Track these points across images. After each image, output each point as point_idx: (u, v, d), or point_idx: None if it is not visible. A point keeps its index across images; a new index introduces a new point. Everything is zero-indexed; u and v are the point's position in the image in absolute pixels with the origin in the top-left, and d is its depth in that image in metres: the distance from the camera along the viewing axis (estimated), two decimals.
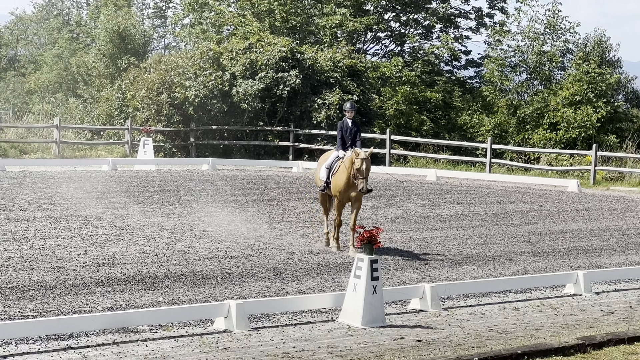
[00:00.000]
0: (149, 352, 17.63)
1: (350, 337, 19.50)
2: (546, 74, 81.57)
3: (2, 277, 22.65)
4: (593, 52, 79.84)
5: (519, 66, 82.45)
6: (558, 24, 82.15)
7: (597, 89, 76.54)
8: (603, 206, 43.38)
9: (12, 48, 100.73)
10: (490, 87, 79.85)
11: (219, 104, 56.90)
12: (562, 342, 19.85)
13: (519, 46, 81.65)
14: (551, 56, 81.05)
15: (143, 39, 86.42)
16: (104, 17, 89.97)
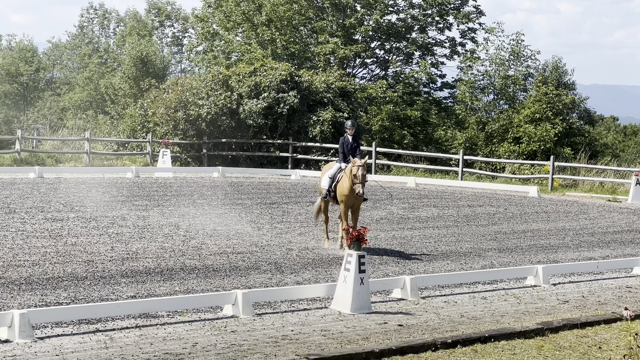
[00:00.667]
0: (167, 334, 17.66)
1: (341, 322, 19.53)
2: (510, 95, 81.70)
3: (40, 269, 22.66)
4: (551, 76, 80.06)
5: (487, 88, 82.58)
6: (521, 51, 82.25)
7: (555, 108, 76.66)
8: (559, 209, 43.39)
9: (49, 71, 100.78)
10: (462, 106, 79.95)
11: (228, 120, 56.92)
12: (524, 326, 19.90)
13: (487, 71, 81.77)
14: (515, 80, 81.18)
15: (162, 63, 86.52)
16: (128, 44, 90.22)
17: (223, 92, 57.28)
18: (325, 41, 71.80)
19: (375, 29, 73.75)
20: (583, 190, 53.75)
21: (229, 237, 29.43)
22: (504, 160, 62.99)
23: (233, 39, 75.87)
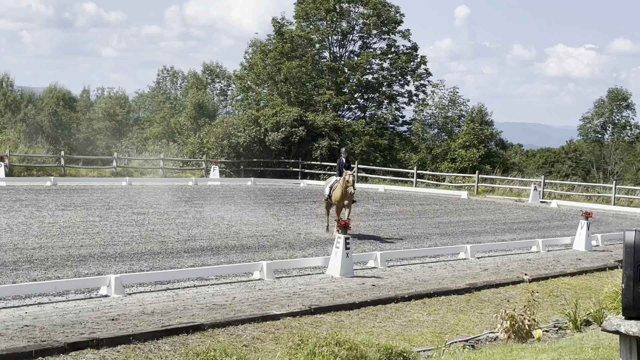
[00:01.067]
0: (215, 291, 17.71)
1: (333, 283, 19.59)
2: (449, 129, 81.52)
3: (129, 247, 22.67)
4: (476, 116, 79.93)
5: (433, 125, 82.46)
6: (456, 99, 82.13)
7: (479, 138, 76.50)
8: (482, 207, 43.36)
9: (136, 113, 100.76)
10: (416, 137, 79.74)
11: (257, 146, 56.88)
12: (457, 286, 19.93)
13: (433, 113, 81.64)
14: (452, 119, 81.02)
15: (213, 108, 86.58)
16: (190, 94, 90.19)
17: (254, 127, 57.24)
18: (323, 93, 71.72)
19: (357, 84, 73.65)
20: (498, 194, 53.71)
21: (258, 225, 29.44)
22: (444, 174, 62.91)
23: (261, 91, 75.82)
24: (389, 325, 15.99)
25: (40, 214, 28.89)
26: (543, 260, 25.69)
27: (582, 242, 28.66)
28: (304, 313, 16.11)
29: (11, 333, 13.34)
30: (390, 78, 74.85)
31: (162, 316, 15.06)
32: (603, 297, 17.46)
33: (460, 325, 16.31)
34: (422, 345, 14.35)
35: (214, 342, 13.42)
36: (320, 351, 11.42)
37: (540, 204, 47.66)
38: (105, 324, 14.25)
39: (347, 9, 73.16)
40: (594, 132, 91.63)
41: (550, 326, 16.25)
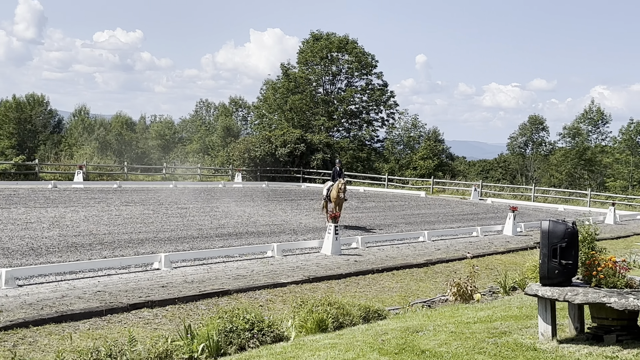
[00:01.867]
0: (239, 266, 17.69)
1: (326, 259, 19.55)
2: (411, 145, 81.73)
3: (174, 233, 22.64)
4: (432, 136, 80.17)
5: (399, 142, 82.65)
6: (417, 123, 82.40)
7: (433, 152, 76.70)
8: (435, 203, 43.37)
9: (180, 134, 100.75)
10: (387, 151, 79.97)
11: (270, 158, 56.85)
12: (417, 262, 19.95)
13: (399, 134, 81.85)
14: (414, 138, 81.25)
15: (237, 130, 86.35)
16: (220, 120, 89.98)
17: (267, 144, 57.21)
18: (318, 119, 71.78)
19: (343, 112, 73.67)
20: (448, 193, 53.72)
21: (270, 217, 29.42)
22: (408, 178, 62.93)
23: (272, 118, 75.89)
24: (367, 290, 15.99)
25: (109, 208, 28.86)
26: (481, 242, 25.71)
27: (510, 229, 28.74)
28: (304, 282, 16.12)
29: (88, 296, 13.35)
30: (368, 107, 74.97)
31: (199, 284, 15.07)
32: (525, 270, 17.49)
33: (420, 291, 16.31)
34: (392, 305, 14.36)
35: (238, 303, 13.43)
36: (316, 309, 11.42)
37: (479, 201, 47.70)
38: (157, 290, 14.25)
39: (336, 57, 73.37)
40: (518, 148, 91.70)
41: (486, 291, 16.27)
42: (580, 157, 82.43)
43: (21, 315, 11.53)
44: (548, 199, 51.28)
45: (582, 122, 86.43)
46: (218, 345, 9.86)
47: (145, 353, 9.24)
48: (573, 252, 8.24)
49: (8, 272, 14.03)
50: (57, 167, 48.69)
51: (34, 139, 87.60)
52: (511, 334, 9.07)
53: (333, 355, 8.41)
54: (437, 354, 8.21)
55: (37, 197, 31.46)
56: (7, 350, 9.63)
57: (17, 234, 20.36)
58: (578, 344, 8.22)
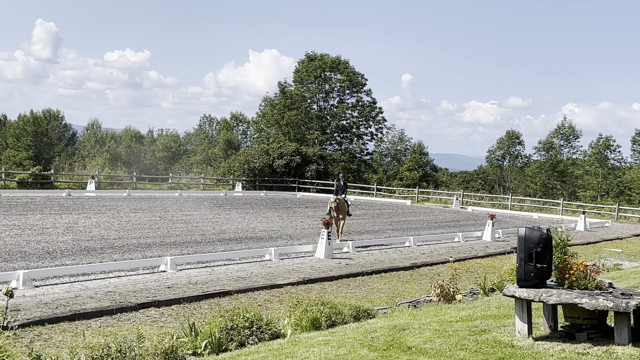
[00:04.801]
0: (239, 268, 17.65)
1: (319, 262, 19.53)
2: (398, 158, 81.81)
3: (179, 238, 22.59)
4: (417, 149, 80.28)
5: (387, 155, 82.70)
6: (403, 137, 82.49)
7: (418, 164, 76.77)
8: (421, 210, 43.39)
9: (184, 146, 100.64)
10: (376, 163, 80.00)
11: (268, 169, 56.79)
12: (404, 265, 19.91)
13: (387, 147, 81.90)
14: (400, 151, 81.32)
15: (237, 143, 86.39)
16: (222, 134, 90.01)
17: (265, 156, 57.14)
18: (313, 133, 71.86)
19: (336, 127, 73.76)
20: (432, 202, 53.75)
21: (268, 223, 29.36)
22: (395, 188, 63.00)
23: (270, 132, 75.90)
24: (358, 291, 15.97)
25: (119, 215, 28.79)
26: (462, 247, 25.70)
27: (489, 235, 28.75)
28: (299, 283, 16.09)
29: (99, 296, 13.30)
30: (358, 123, 75.01)
31: (202, 285, 15.03)
32: (503, 273, 17.51)
33: (406, 292, 16.30)
34: (380, 305, 14.35)
35: (238, 303, 13.39)
36: (311, 309, 11.41)
37: (460, 209, 47.73)
38: (164, 290, 14.20)
39: (329, 76, 73.53)
40: (496, 160, 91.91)
41: (467, 292, 16.27)
42: (554, 169, 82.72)
43: (37, 314, 11.48)
44: (524, 207, 51.38)
45: (555, 137, 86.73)
46: (220, 341, 9.84)
47: (153, 349, 9.21)
48: (547, 257, 8.26)
49: (25, 273, 13.98)
50: (71, 176, 48.56)
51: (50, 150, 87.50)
52: (490, 331, 9.08)
53: (326, 351, 8.39)
54: (423, 350, 8.21)
55: (53, 205, 31.37)
56: (25, 346, 9.59)
57: (34, 239, 20.29)
58: (552, 341, 8.24)
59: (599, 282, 8.43)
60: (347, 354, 8.17)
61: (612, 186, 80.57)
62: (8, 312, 9.67)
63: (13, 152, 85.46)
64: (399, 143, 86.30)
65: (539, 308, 9.79)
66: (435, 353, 8.03)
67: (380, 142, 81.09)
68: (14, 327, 9.84)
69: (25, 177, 43.58)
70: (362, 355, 8.07)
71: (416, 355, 8.01)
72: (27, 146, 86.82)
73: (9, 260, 16.42)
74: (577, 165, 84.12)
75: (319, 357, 8.10)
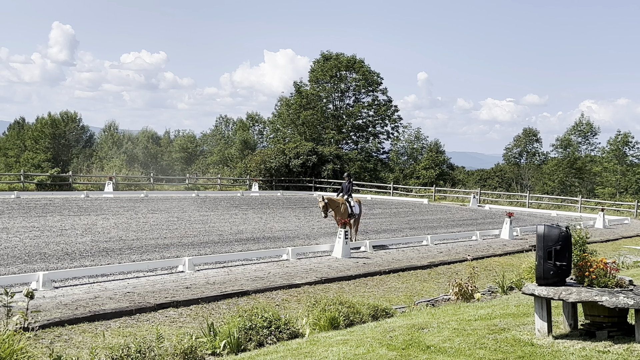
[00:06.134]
0: (256, 268, 17.68)
1: (337, 262, 19.52)
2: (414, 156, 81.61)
3: (196, 238, 22.68)
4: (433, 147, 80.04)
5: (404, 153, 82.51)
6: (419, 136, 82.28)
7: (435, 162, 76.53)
8: (438, 209, 43.28)
9: (201, 147, 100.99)
10: (393, 162, 79.84)
11: (284, 169, 56.90)
12: (421, 263, 19.86)
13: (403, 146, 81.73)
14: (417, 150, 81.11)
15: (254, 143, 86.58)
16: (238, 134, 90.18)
17: (282, 156, 57.25)
18: (329, 132, 71.93)
19: (351, 126, 73.80)
20: (449, 201, 53.59)
21: (285, 223, 29.39)
22: (411, 187, 62.84)
23: (286, 132, 76.03)
24: (375, 290, 15.95)
25: (137, 216, 28.94)
26: (480, 245, 25.61)
27: (506, 233, 28.61)
28: (317, 283, 16.09)
29: (118, 297, 13.37)
30: (374, 122, 74.97)
31: (220, 285, 15.06)
32: (522, 271, 17.40)
33: (424, 291, 16.25)
34: (398, 304, 14.31)
35: (256, 302, 13.41)
36: (329, 308, 11.40)
37: (477, 207, 47.54)
38: (182, 291, 14.25)
39: (345, 75, 73.53)
40: (513, 158, 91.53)
41: (485, 291, 16.19)
42: (572, 167, 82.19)
43: (57, 315, 11.56)
44: (542, 205, 51.08)
45: (573, 133, 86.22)
46: (239, 341, 9.86)
47: (172, 349, 9.25)
48: (567, 254, 8.21)
49: (45, 275, 14.09)
50: (88, 178, 48.90)
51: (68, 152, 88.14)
52: (510, 330, 9.03)
53: (345, 350, 8.38)
54: (442, 349, 8.18)
55: (71, 206, 31.58)
56: (45, 347, 9.66)
57: (53, 240, 20.44)
58: (572, 340, 8.18)
59: (619, 279, 8.37)
60: (366, 354, 8.16)
61: (631, 183, 79.96)
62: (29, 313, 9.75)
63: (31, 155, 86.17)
64: (415, 141, 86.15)
65: (558, 306, 9.73)
66: (455, 352, 8.00)
67: (397, 141, 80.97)
68: (34, 328, 9.91)
69: (43, 179, 43.92)
70: (380, 354, 8.06)
71: (435, 354, 7.99)
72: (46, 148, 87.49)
73: (28, 262, 16.56)
74: (595, 162, 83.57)
75: (338, 356, 8.10)
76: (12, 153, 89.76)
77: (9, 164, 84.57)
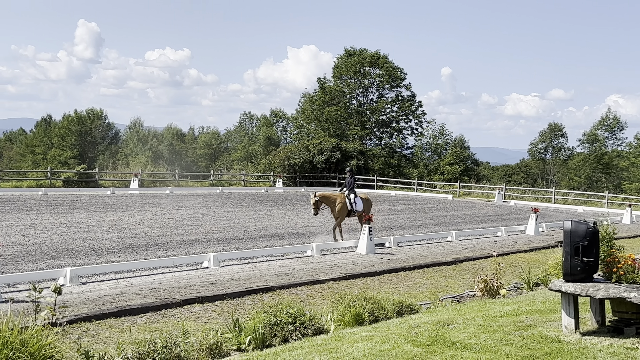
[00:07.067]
0: (281, 264, 17.72)
1: (361, 258, 19.50)
2: (438, 152, 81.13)
3: (221, 234, 22.78)
4: (458, 143, 79.47)
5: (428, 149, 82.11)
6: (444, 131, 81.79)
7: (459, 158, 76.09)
8: (462, 205, 43.06)
9: (225, 143, 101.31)
10: (417, 158, 79.49)
11: (308, 165, 56.95)
12: (446, 260, 19.77)
13: (427, 141, 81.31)
14: (441, 145, 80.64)
15: (278, 139, 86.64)
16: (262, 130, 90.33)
17: (305, 152, 57.32)
18: (352, 128, 71.81)
19: (375, 122, 73.64)
20: (473, 196, 53.31)
21: (309, 219, 29.39)
22: (436, 182, 62.55)
23: (310, 128, 76.01)
24: (400, 286, 15.91)
25: (162, 212, 29.13)
26: (505, 241, 25.45)
27: (532, 229, 28.41)
28: (341, 278, 16.08)
29: (144, 293, 13.47)
30: (398, 117, 74.72)
31: (245, 281, 15.12)
32: (548, 267, 17.27)
33: (449, 287, 16.19)
34: (423, 300, 14.26)
35: (281, 298, 13.44)
36: (353, 304, 11.39)
37: (502, 203, 47.23)
38: (207, 287, 14.33)
39: (368, 71, 73.37)
40: (539, 153, 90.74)
41: (511, 287, 16.08)
42: (598, 162, 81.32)
43: (84, 310, 11.67)
44: (568, 200, 50.63)
45: (599, 128, 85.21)
46: (264, 337, 9.89)
47: (198, 344, 9.30)
48: (594, 250, 8.13)
49: (72, 270, 14.23)
50: (114, 175, 49.31)
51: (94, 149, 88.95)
52: (536, 327, 8.96)
53: (370, 346, 8.37)
54: (467, 345, 8.14)
55: (97, 203, 31.87)
56: (73, 342, 9.76)
57: (80, 236, 20.65)
58: (600, 336, 8.11)
59: None
60: (391, 350, 8.14)
61: None
62: (56, 308, 9.84)
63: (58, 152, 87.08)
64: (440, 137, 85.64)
65: (585, 303, 9.63)
66: (480, 348, 7.96)
67: (421, 137, 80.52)
68: (62, 324, 10.01)
69: (70, 175, 44.36)
70: (406, 350, 8.04)
71: (461, 350, 7.95)
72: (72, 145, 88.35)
73: (56, 258, 16.74)
74: (622, 157, 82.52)
75: (363, 352, 8.09)
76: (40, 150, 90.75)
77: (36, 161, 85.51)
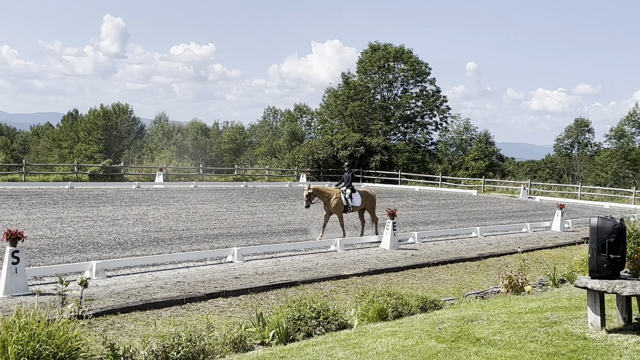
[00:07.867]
0: (305, 259, 17.73)
1: (385, 253, 19.46)
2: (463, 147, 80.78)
3: (245, 229, 22.84)
4: (483, 138, 79.13)
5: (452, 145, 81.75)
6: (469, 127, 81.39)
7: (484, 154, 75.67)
8: (487, 201, 42.81)
9: (249, 138, 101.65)
10: (440, 153, 79.18)
11: (332, 160, 56.99)
12: (470, 255, 19.68)
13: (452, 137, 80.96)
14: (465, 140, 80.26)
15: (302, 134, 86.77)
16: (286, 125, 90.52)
17: (329, 147, 57.38)
18: (376, 124, 71.66)
19: (400, 117, 73.42)
20: (498, 192, 52.98)
21: None
22: (460, 178, 62.30)
23: (334, 123, 75.99)
24: (424, 282, 15.87)
25: (187, 206, 29.29)
26: (530, 237, 25.26)
27: (558, 225, 28.17)
28: (365, 274, 16.07)
29: (169, 286, 13.56)
30: (422, 112, 74.44)
31: (269, 276, 15.16)
32: (573, 263, 17.12)
33: (473, 283, 16.10)
34: (447, 296, 14.21)
35: (305, 293, 13.46)
36: (377, 300, 11.38)
37: (528, 199, 46.90)
38: (231, 281, 14.39)
39: (393, 66, 73.13)
40: (565, 149, 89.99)
41: (536, 283, 15.96)
42: (626, 158, 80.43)
43: (110, 303, 11.78)
44: (594, 197, 50.13)
45: (627, 124, 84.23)
46: (287, 332, 9.91)
47: (222, 338, 9.34)
48: (621, 247, 8.03)
49: (98, 264, 14.37)
50: (140, 169, 49.70)
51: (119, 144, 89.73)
52: (561, 323, 8.88)
53: (393, 342, 8.36)
54: (492, 342, 8.10)
55: (123, 197, 32.13)
56: (99, 334, 9.85)
57: (106, 230, 20.84)
58: (626, 334, 8.02)
59: None
60: (415, 345, 8.12)
61: None
62: (82, 301, 9.95)
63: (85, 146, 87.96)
64: (464, 132, 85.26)
65: (611, 300, 9.54)
66: (505, 345, 7.91)
67: (445, 132, 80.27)
68: (88, 316, 10.11)
69: (96, 169, 44.79)
70: (429, 346, 8.02)
71: (485, 346, 7.91)
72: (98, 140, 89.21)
73: (82, 251, 16.91)
74: None
75: (386, 347, 8.08)
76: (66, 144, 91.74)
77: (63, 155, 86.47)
